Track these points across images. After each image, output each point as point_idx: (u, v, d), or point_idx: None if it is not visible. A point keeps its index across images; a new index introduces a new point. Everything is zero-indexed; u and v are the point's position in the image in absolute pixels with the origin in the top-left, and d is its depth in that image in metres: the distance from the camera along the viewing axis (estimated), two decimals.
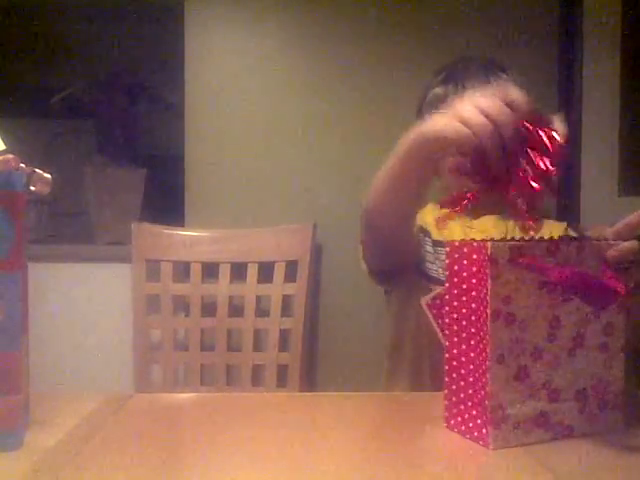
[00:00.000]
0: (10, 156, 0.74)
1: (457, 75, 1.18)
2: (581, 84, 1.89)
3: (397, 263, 1.18)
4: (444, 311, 0.77)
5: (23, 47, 2.28)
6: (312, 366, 1.70)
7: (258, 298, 1.61)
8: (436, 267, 1.20)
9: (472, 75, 1.16)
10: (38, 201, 1.94)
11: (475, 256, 0.72)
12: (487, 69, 1.18)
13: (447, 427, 0.77)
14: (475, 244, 0.72)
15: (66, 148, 2.21)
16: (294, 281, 1.62)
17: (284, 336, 1.61)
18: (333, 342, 1.75)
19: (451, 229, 1.21)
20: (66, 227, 2.10)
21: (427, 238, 1.22)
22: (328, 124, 1.79)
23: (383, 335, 1.33)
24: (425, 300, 0.94)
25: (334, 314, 1.76)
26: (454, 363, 0.75)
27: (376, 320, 1.37)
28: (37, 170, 0.77)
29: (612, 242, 0.75)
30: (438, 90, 1.20)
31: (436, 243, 1.22)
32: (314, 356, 1.73)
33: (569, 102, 1.91)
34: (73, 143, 2.22)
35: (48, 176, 0.78)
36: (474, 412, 0.72)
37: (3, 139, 0.80)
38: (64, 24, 2.26)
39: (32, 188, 0.76)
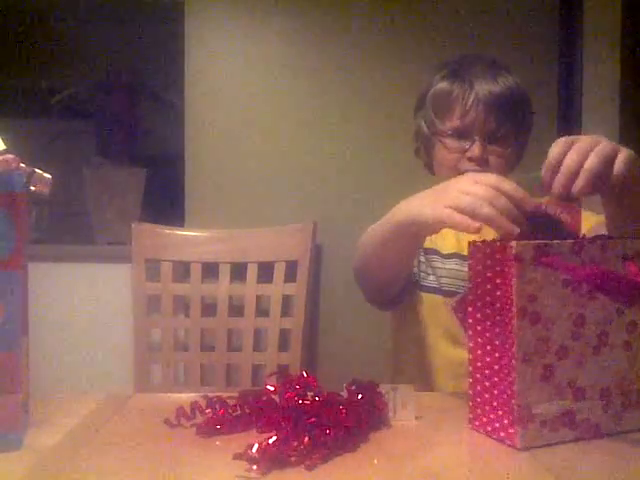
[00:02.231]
0: (10, 156, 0.74)
1: (463, 71, 1.16)
2: (581, 84, 1.89)
3: (393, 296, 1.20)
4: (468, 312, 0.76)
5: (23, 47, 2.28)
6: (312, 366, 1.70)
7: (258, 298, 1.61)
8: (432, 276, 1.20)
9: (479, 72, 1.15)
10: (38, 201, 1.94)
11: (499, 256, 0.71)
12: (493, 68, 1.17)
13: (472, 428, 0.76)
14: (499, 244, 0.72)
15: (66, 148, 2.21)
16: (294, 281, 1.62)
17: (284, 336, 1.61)
18: (333, 342, 1.75)
19: (443, 234, 1.21)
20: (66, 227, 2.10)
21: (419, 249, 1.21)
22: (328, 124, 1.79)
23: (386, 336, 1.34)
24: (451, 303, 0.94)
25: (334, 314, 1.76)
26: (478, 364, 0.75)
27: (376, 320, 1.37)
28: (37, 170, 0.77)
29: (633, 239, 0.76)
30: (443, 85, 1.17)
31: (427, 251, 1.21)
32: (314, 356, 1.73)
33: (569, 102, 1.91)
34: (73, 143, 2.23)
35: (48, 176, 0.78)
36: (500, 412, 0.72)
37: (3, 139, 0.80)
38: (64, 24, 2.27)
39: (32, 188, 0.76)
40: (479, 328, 0.75)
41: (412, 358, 1.22)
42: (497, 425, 0.73)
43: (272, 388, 0.79)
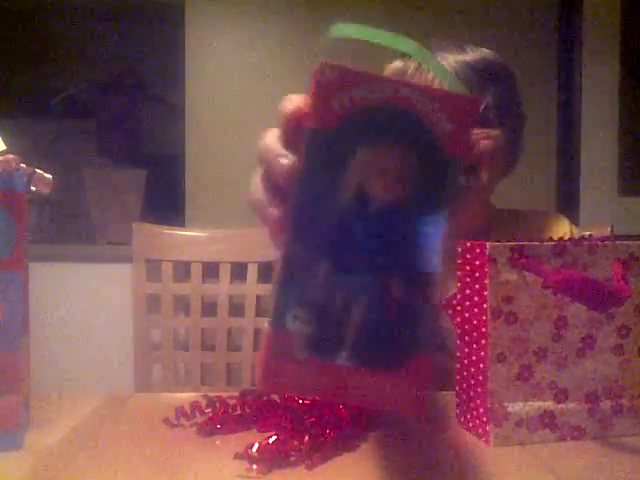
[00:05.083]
0: (11, 156, 0.74)
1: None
2: (581, 84, 1.89)
3: None
4: (457, 310, 0.77)
5: (23, 47, 2.28)
6: None
7: (258, 298, 1.61)
8: None
9: (442, 45, 0.97)
10: (39, 201, 1.94)
11: (479, 256, 0.72)
12: (461, 42, 0.98)
13: (458, 424, 0.78)
14: (487, 244, 0.72)
15: (67, 149, 2.21)
16: None
17: None
18: None
19: None
20: (67, 227, 2.10)
21: None
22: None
23: None
24: (441, 301, 0.95)
25: None
26: (465, 362, 0.76)
27: None
28: (38, 170, 0.77)
29: (623, 242, 0.75)
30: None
31: None
32: None
33: (569, 102, 1.91)
34: (74, 144, 2.23)
35: (49, 176, 0.78)
36: (481, 410, 0.72)
37: (4, 139, 0.80)
38: (64, 24, 2.27)
39: (33, 188, 0.76)
40: (466, 327, 0.75)
41: None
42: (477, 422, 0.73)
43: None
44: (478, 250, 0.73)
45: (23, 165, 0.75)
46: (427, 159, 0.36)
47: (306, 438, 0.66)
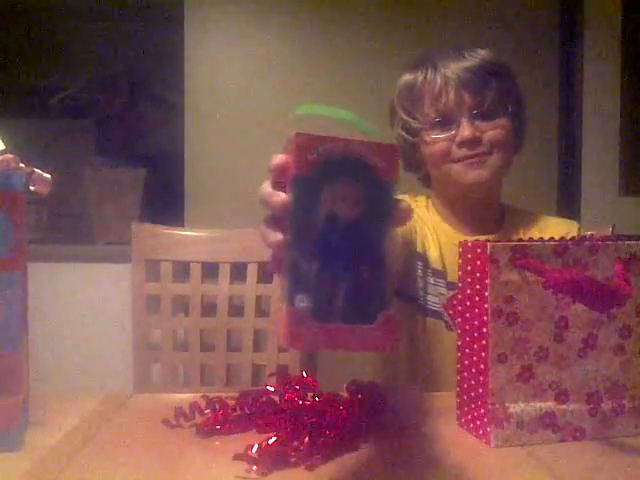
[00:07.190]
0: (10, 156, 0.74)
1: (426, 59, 1.07)
2: (581, 84, 1.89)
3: None
4: (458, 310, 0.77)
5: (23, 47, 2.28)
6: (312, 366, 1.70)
7: (258, 298, 1.61)
8: (437, 299, 1.08)
9: (443, 54, 1.06)
10: (38, 201, 1.94)
11: (480, 256, 0.72)
12: (460, 48, 1.06)
13: (458, 424, 0.77)
14: (488, 245, 0.71)
15: (66, 148, 2.21)
16: None
17: None
18: None
19: (432, 250, 1.10)
20: (66, 227, 2.10)
21: (427, 269, 1.09)
22: (328, 124, 1.79)
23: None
24: (443, 301, 0.94)
25: None
26: (466, 362, 0.75)
27: None
28: (37, 170, 0.77)
29: (625, 242, 0.75)
30: (406, 77, 1.09)
31: (435, 274, 1.10)
32: (314, 356, 1.73)
33: (569, 102, 1.91)
34: (73, 143, 2.23)
35: (48, 176, 0.78)
36: (482, 410, 0.72)
37: (3, 139, 0.80)
38: (64, 24, 2.27)
39: (32, 188, 0.76)
40: (467, 327, 0.75)
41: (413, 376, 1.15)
42: (478, 423, 0.73)
43: (272, 388, 0.79)
44: (479, 250, 0.72)
45: (22, 165, 0.75)
46: (371, 187, 0.54)
47: (306, 439, 0.66)
